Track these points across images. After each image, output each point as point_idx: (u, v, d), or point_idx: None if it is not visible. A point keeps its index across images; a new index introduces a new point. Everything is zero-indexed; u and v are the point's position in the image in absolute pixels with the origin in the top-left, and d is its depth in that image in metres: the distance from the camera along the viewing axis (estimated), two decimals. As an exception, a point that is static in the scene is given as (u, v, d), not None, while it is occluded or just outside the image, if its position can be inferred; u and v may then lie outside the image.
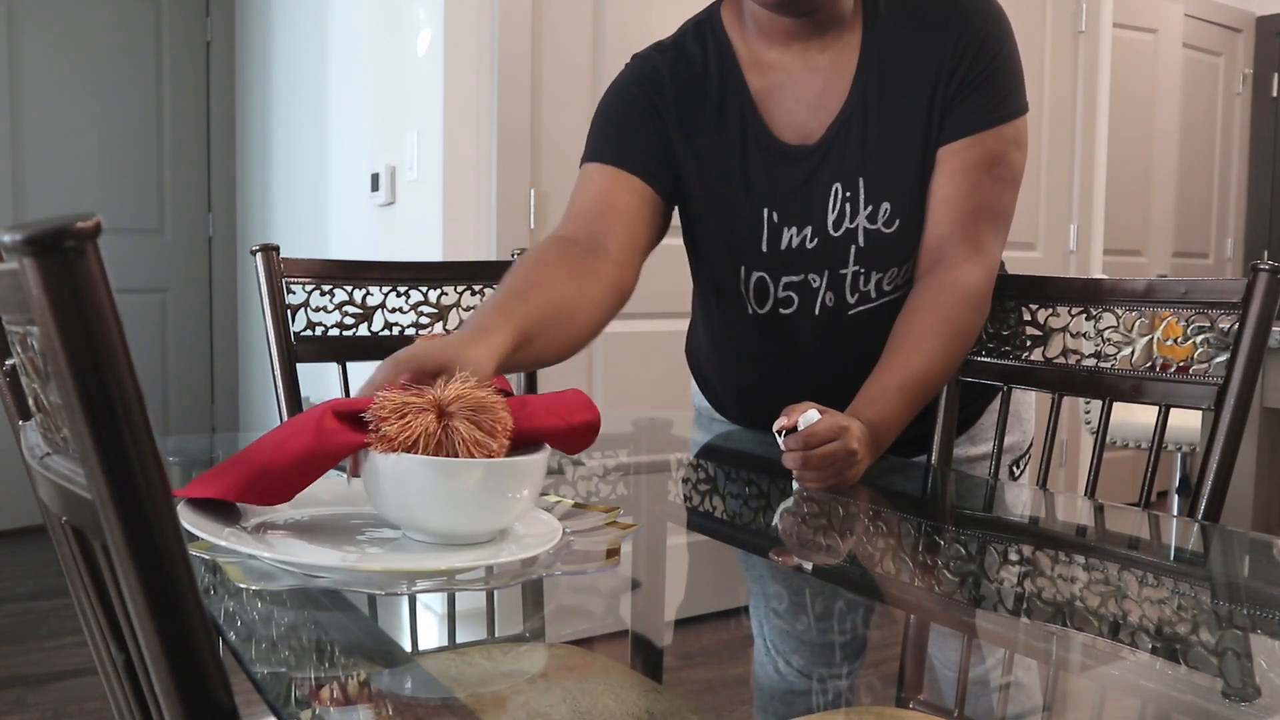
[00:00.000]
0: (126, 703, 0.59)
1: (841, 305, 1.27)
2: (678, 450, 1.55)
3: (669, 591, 1.17)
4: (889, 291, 1.27)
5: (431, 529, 0.80)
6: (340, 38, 3.25)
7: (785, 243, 1.26)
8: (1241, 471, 2.23)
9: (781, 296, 1.28)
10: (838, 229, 1.24)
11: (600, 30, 2.77)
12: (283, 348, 1.54)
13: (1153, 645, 0.72)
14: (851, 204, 1.24)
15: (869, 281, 1.26)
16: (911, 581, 0.91)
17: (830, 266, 1.25)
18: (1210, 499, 1.13)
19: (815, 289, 1.26)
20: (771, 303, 1.29)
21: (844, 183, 1.24)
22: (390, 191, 2.89)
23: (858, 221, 1.24)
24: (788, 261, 1.26)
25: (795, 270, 1.27)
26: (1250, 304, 1.15)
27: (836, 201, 1.24)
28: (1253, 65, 5.03)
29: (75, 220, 0.43)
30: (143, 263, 4.09)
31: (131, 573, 0.47)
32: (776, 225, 1.26)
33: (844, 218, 1.24)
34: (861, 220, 1.24)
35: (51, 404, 0.54)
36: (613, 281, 1.22)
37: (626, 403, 2.85)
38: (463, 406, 0.77)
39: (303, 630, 0.73)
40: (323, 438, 0.77)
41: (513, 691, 0.84)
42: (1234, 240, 5.09)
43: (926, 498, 1.26)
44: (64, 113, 3.92)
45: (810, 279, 1.26)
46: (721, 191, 1.28)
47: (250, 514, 0.83)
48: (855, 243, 1.24)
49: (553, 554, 0.80)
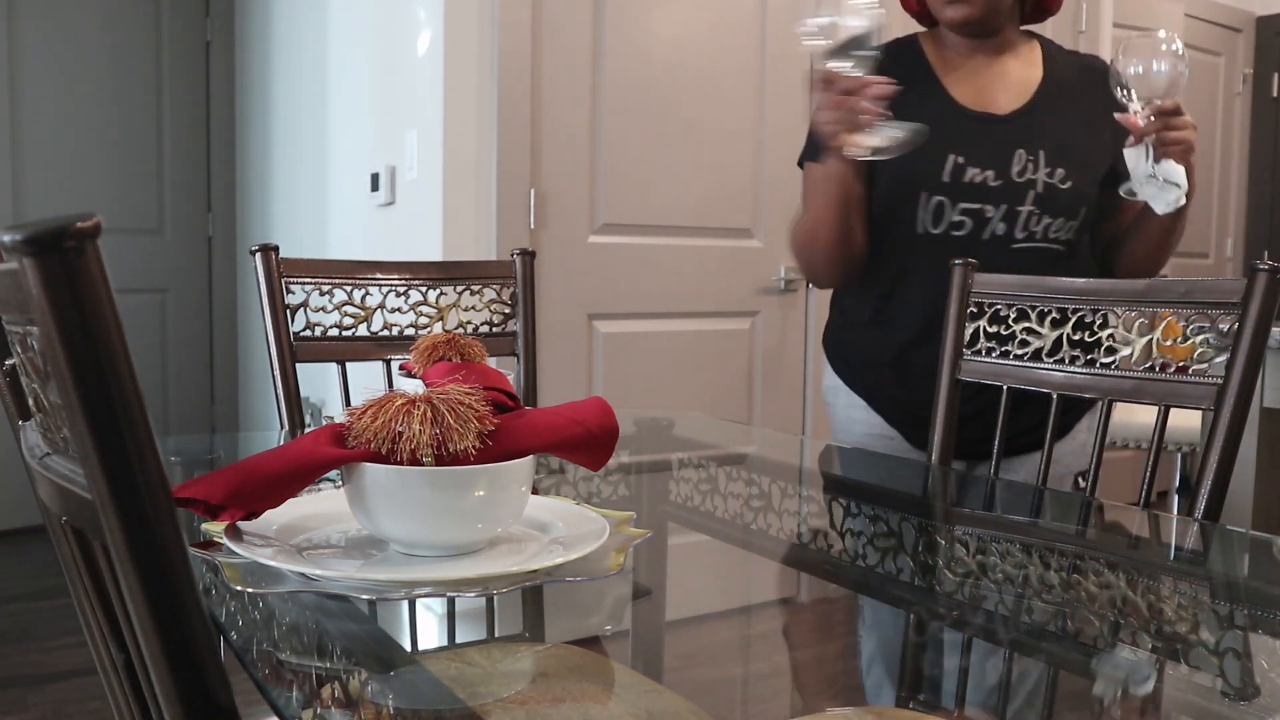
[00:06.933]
0: (126, 703, 0.59)
1: (1009, 237, 1.47)
2: (678, 450, 1.55)
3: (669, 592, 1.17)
4: (1053, 239, 1.48)
5: (425, 542, 0.79)
6: (340, 38, 3.25)
7: (969, 177, 1.48)
8: (1241, 471, 2.23)
9: (955, 220, 1.48)
10: (1020, 177, 1.48)
11: (600, 30, 2.77)
12: (283, 348, 1.54)
13: (1153, 645, 0.72)
14: (1033, 164, 1.49)
15: (1039, 223, 1.47)
16: (911, 581, 0.91)
17: (1008, 202, 1.47)
18: (1210, 499, 1.13)
19: (989, 218, 1.48)
20: (945, 225, 1.48)
21: (1027, 149, 1.49)
22: (390, 191, 2.89)
23: (1038, 175, 1.48)
24: (968, 191, 1.47)
25: (974, 199, 1.48)
26: (1250, 304, 1.15)
27: (1020, 160, 1.49)
28: (1253, 65, 5.03)
29: (75, 220, 0.43)
30: (143, 263, 4.09)
31: (131, 573, 0.47)
32: (961, 165, 1.48)
33: (1026, 170, 1.48)
34: (1041, 175, 1.48)
35: (51, 404, 0.54)
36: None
37: (627, 403, 2.84)
38: (439, 395, 0.77)
39: (303, 630, 0.73)
40: (313, 449, 0.77)
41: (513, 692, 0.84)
42: (1234, 240, 5.09)
43: (926, 497, 1.26)
44: (64, 113, 3.92)
45: (985, 209, 1.48)
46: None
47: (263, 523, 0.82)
48: (1034, 189, 1.48)
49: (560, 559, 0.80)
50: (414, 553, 0.79)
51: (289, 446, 0.79)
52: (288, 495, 0.78)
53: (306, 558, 0.78)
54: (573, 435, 0.85)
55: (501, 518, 0.81)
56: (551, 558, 0.77)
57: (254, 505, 0.77)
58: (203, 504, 0.74)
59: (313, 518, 0.86)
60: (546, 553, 0.80)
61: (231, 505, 0.75)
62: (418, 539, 0.79)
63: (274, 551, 0.77)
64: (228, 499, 0.75)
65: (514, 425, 0.82)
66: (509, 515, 0.81)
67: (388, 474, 0.75)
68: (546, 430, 0.83)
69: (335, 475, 0.80)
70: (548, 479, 1.20)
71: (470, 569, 0.76)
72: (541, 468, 1.22)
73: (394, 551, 0.80)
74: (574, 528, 0.85)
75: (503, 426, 0.80)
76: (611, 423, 0.87)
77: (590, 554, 0.78)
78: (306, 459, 0.76)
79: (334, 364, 1.59)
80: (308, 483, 0.78)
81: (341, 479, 0.79)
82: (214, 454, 1.78)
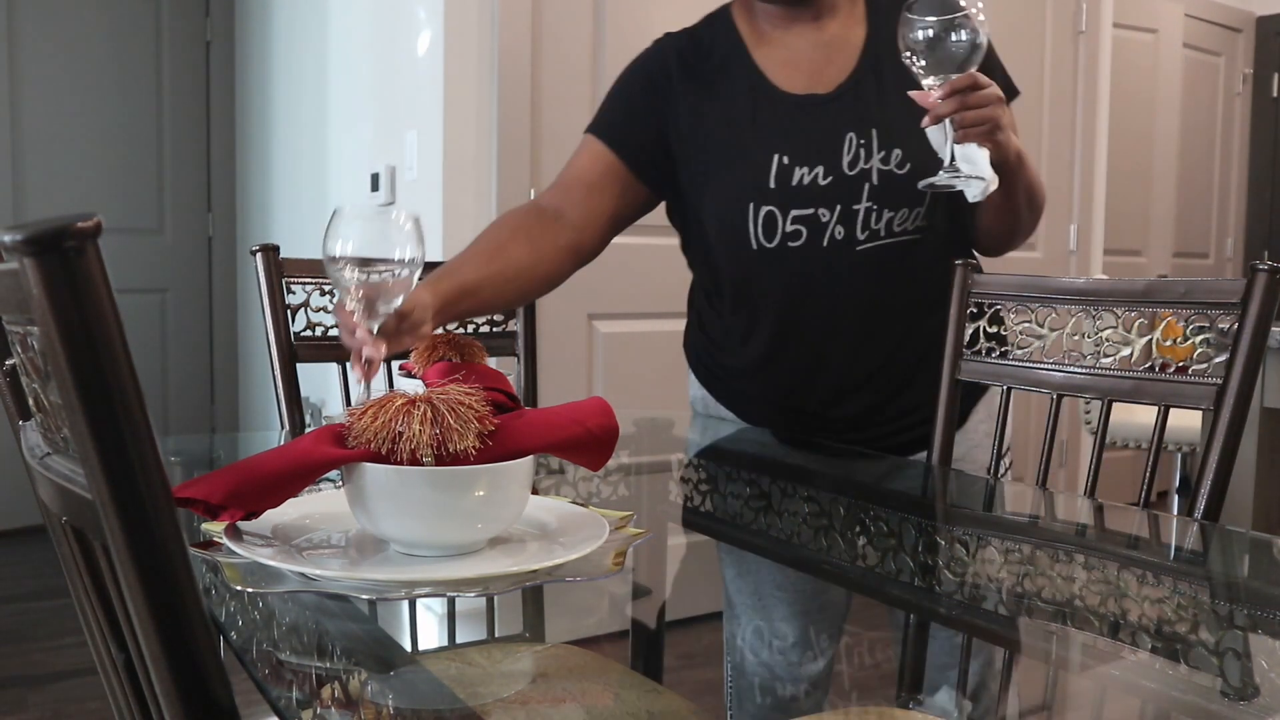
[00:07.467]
0: (126, 703, 0.59)
1: (851, 239, 1.32)
2: (678, 450, 1.55)
3: (670, 592, 1.17)
4: (898, 233, 1.32)
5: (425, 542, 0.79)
6: (340, 38, 3.25)
7: (796, 180, 1.32)
8: (1241, 471, 2.23)
9: (790, 230, 1.33)
10: (852, 169, 1.32)
11: (600, 30, 2.77)
12: (283, 348, 1.54)
13: (1153, 645, 0.72)
14: (865, 149, 1.32)
15: (880, 219, 1.31)
16: (911, 581, 0.91)
17: (842, 202, 1.31)
18: (1210, 499, 1.13)
19: (825, 223, 1.32)
20: (780, 236, 1.33)
21: (858, 131, 1.32)
22: (390, 191, 2.89)
23: (872, 163, 1.31)
24: (797, 196, 1.32)
25: (805, 205, 1.32)
26: (1250, 304, 1.15)
27: (851, 146, 1.32)
28: (1253, 65, 5.03)
29: (75, 220, 0.43)
30: (143, 263, 4.09)
31: (131, 573, 0.47)
32: (787, 166, 1.32)
33: (858, 160, 1.32)
34: (875, 162, 1.31)
35: (51, 404, 0.54)
36: (568, 244, 1.38)
37: (626, 402, 2.84)
38: (439, 395, 0.77)
39: (303, 630, 0.73)
40: (313, 449, 0.76)
41: (513, 692, 0.84)
42: (1234, 240, 5.09)
43: (926, 497, 1.26)
44: (64, 113, 3.92)
45: (820, 213, 1.32)
46: (726, 138, 1.36)
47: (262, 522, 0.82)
48: (869, 181, 1.31)
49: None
50: (414, 553, 0.79)
51: (289, 446, 0.79)
52: (288, 495, 0.78)
53: (306, 558, 0.78)
54: (573, 435, 0.85)
55: (501, 518, 0.81)
56: (551, 558, 0.77)
57: (254, 505, 0.77)
58: (202, 504, 0.74)
59: (313, 518, 0.86)
60: (546, 553, 0.80)
61: (231, 505, 0.75)
62: (418, 539, 0.79)
63: (274, 551, 0.76)
64: (227, 499, 0.75)
65: (514, 425, 0.82)
66: (509, 515, 0.81)
67: (387, 474, 0.75)
68: (546, 430, 0.83)
69: (335, 475, 0.80)
70: (548, 479, 1.20)
71: (470, 569, 0.76)
72: (541, 468, 1.22)
73: (394, 551, 0.80)
74: (574, 528, 0.85)
75: (503, 427, 0.80)
76: (611, 423, 0.87)
77: (590, 554, 0.78)
78: (306, 459, 0.76)
79: (334, 364, 1.59)
80: (308, 483, 0.78)
81: (341, 479, 0.79)
82: (214, 454, 1.78)
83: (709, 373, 1.49)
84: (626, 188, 1.41)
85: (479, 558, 0.79)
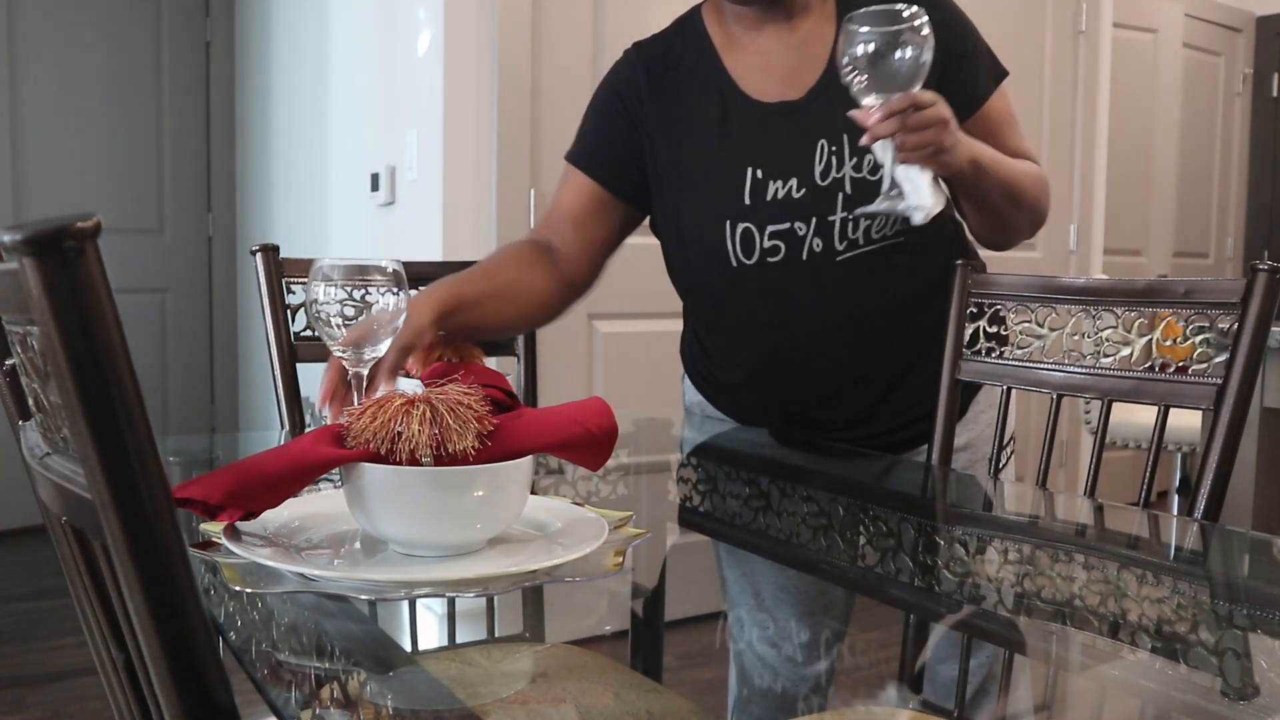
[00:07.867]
0: (126, 703, 0.59)
1: (829, 251, 1.30)
2: (677, 450, 1.55)
3: (670, 592, 1.17)
4: (878, 239, 1.30)
5: (424, 542, 0.79)
6: (340, 38, 3.25)
7: (770, 195, 1.31)
8: (1241, 471, 2.23)
9: (768, 246, 1.32)
10: (825, 179, 1.30)
11: (600, 30, 2.77)
12: (283, 348, 1.54)
13: (1153, 645, 0.72)
14: (837, 157, 1.30)
15: (857, 229, 1.30)
16: (911, 581, 0.91)
17: (818, 214, 1.30)
18: (1210, 499, 1.13)
19: (802, 236, 1.30)
20: (759, 253, 1.32)
21: (829, 138, 1.30)
22: (390, 191, 2.89)
23: (844, 171, 1.29)
24: (772, 211, 1.31)
25: (780, 220, 1.31)
26: (1250, 304, 1.15)
27: (823, 155, 1.30)
28: (1253, 65, 5.03)
29: (75, 220, 0.43)
30: (143, 263, 4.09)
31: (131, 573, 0.47)
32: (760, 180, 1.31)
33: (830, 169, 1.30)
34: (848, 170, 1.29)
35: (51, 404, 0.54)
36: (562, 276, 1.42)
37: (625, 403, 2.84)
38: (438, 395, 0.77)
39: (303, 631, 0.73)
40: (312, 449, 0.76)
41: (513, 692, 0.84)
42: (1234, 240, 5.09)
43: (926, 496, 1.26)
44: (64, 113, 3.92)
45: (796, 227, 1.30)
46: (700, 155, 1.35)
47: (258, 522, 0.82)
48: (843, 190, 1.30)
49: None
50: (413, 553, 0.79)
51: (288, 446, 0.79)
52: (287, 495, 0.78)
53: (305, 558, 0.78)
54: (572, 435, 0.85)
55: (501, 518, 0.81)
56: (551, 558, 0.77)
57: (253, 505, 0.77)
58: (201, 504, 0.74)
59: (312, 518, 0.86)
60: (546, 553, 0.80)
61: (230, 505, 0.75)
62: (417, 539, 0.79)
63: (273, 552, 0.76)
64: (226, 499, 0.75)
65: (513, 425, 0.82)
66: (508, 515, 0.81)
67: (386, 474, 0.75)
68: (546, 430, 0.83)
69: (335, 475, 0.80)
70: (547, 479, 1.20)
71: (470, 569, 0.76)
72: (541, 468, 1.22)
73: (393, 551, 0.80)
74: (573, 528, 0.85)
75: (502, 426, 0.80)
76: (611, 423, 0.87)
77: (590, 554, 0.78)
78: (305, 459, 0.76)
79: (334, 364, 1.58)
80: (307, 483, 0.78)
81: (341, 479, 0.79)
82: (213, 454, 1.78)
83: (704, 380, 1.50)
84: (612, 211, 1.42)
85: (478, 558, 0.79)
